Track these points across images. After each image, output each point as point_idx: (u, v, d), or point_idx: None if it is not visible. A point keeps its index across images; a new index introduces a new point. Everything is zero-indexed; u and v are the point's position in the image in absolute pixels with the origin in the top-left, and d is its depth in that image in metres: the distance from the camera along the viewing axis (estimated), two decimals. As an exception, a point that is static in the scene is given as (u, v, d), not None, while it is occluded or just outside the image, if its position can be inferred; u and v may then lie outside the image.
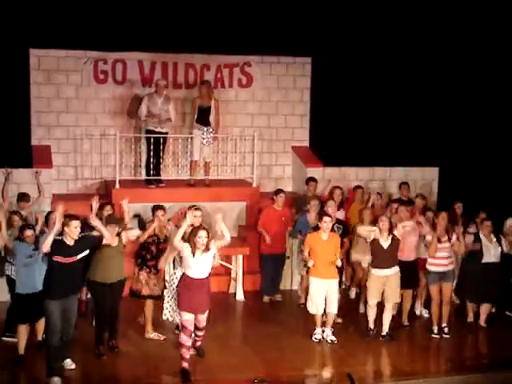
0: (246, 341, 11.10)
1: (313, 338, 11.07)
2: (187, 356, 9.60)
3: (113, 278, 10.17)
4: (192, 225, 9.82)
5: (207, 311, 9.76)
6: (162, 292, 10.84)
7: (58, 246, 9.18)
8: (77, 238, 9.28)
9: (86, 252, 9.47)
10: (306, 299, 11.63)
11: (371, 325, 11.19)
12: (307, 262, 11.13)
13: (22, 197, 11.85)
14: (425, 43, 15.08)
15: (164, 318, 10.71)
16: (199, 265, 9.51)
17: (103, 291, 10.12)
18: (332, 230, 11.19)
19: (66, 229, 9.23)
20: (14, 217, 10.96)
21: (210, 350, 10.34)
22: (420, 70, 15.27)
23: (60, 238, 9.27)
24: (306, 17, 14.45)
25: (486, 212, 12.26)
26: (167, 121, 13.67)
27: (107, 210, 11.18)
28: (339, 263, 10.97)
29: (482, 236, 11.68)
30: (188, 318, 9.54)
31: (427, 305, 11.84)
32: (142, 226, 10.82)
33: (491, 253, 11.67)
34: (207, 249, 9.49)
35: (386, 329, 11.13)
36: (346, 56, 14.99)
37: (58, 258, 9.16)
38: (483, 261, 11.64)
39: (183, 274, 9.68)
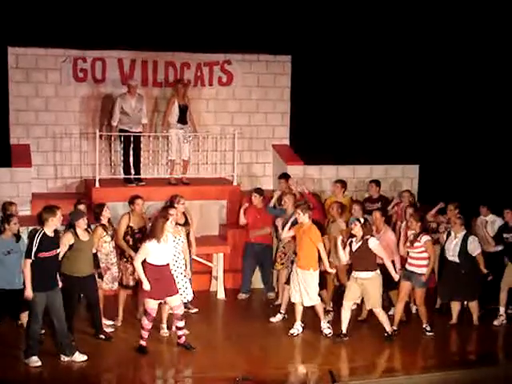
0: (229, 339, 11.08)
1: (289, 332, 11.08)
2: (146, 336, 10.21)
3: (86, 272, 10.36)
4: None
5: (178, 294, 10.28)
6: (136, 282, 11.15)
7: (44, 242, 9.42)
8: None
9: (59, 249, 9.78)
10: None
11: (343, 328, 10.92)
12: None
13: None
14: (404, 41, 15.12)
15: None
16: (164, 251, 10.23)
17: (74, 284, 10.26)
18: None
19: (51, 220, 9.47)
20: None
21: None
22: (400, 68, 15.32)
23: (41, 231, 9.47)
24: (286, 15, 14.45)
25: (458, 204, 12.27)
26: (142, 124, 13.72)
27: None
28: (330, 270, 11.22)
29: (451, 231, 11.68)
30: (153, 305, 10.14)
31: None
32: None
33: (449, 252, 11.60)
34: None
35: (388, 328, 10.96)
36: (326, 54, 15.01)
37: (43, 254, 9.40)
38: (445, 255, 11.67)
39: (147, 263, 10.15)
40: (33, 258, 9.41)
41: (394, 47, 15.18)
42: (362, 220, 10.97)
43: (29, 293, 9.43)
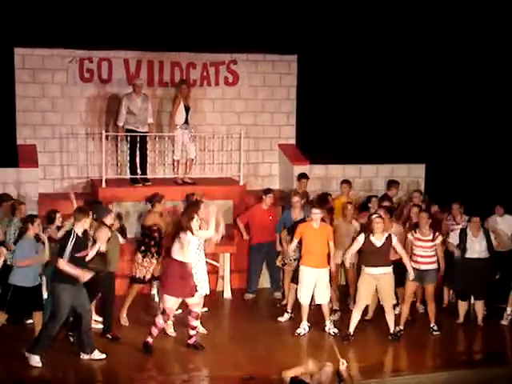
0: (235, 339, 11.09)
1: (296, 332, 11.07)
2: (155, 335, 10.19)
3: (112, 267, 10.61)
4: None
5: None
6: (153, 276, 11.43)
7: (78, 243, 9.56)
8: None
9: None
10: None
11: (351, 329, 10.91)
12: (288, 254, 11.46)
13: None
14: (409, 41, 15.10)
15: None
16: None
17: (96, 278, 10.29)
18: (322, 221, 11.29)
19: (84, 220, 9.61)
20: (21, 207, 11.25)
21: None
22: (406, 67, 15.29)
23: (74, 232, 9.60)
24: (292, 14, 14.44)
25: (464, 206, 12.48)
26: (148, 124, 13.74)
27: None
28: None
29: (468, 231, 11.67)
30: (173, 305, 10.20)
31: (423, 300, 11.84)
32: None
33: (475, 248, 11.62)
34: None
35: (392, 328, 10.96)
36: (332, 53, 14.99)
37: (78, 254, 9.54)
38: (466, 256, 11.64)
39: (176, 260, 10.11)
40: (67, 258, 9.46)
41: (400, 47, 15.15)
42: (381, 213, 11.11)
43: (85, 275, 9.55)
